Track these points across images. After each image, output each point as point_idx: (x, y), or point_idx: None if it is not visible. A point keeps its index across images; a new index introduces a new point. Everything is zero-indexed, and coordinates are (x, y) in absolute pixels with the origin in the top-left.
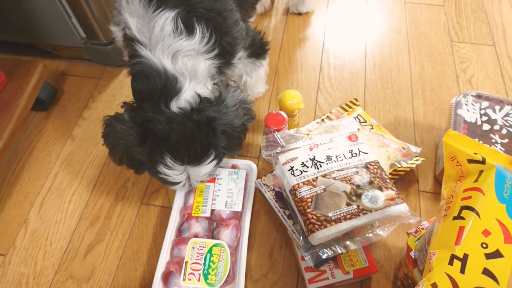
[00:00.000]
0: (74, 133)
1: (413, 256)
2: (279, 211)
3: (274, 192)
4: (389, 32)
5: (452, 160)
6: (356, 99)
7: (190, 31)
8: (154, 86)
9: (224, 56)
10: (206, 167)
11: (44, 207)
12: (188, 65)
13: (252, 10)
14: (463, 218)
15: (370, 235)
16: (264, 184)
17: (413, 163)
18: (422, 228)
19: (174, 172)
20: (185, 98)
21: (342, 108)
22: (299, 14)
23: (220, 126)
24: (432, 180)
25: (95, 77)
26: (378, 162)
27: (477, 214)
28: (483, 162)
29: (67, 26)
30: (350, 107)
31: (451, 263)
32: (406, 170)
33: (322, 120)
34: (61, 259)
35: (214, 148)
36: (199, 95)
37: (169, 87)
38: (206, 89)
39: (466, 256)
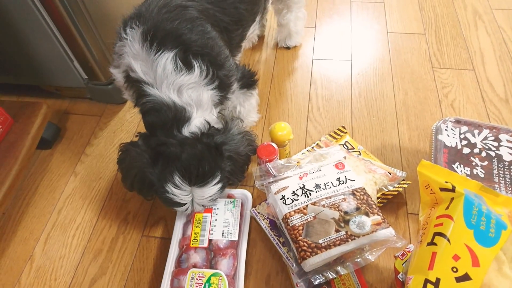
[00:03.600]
0: (77, 169)
1: (400, 279)
2: (273, 239)
3: (268, 220)
4: (373, 62)
5: (427, 188)
6: (343, 127)
7: (189, 67)
8: (166, 117)
9: (223, 87)
10: (211, 189)
11: (48, 242)
12: (193, 96)
13: (238, 48)
14: (435, 244)
15: (359, 259)
16: (258, 213)
17: (400, 187)
18: (409, 251)
19: (180, 192)
20: (196, 124)
21: (331, 136)
22: (288, 48)
23: (227, 151)
24: (419, 202)
25: (96, 114)
26: (364, 189)
27: (448, 240)
28: (453, 190)
29: (69, 69)
30: (338, 135)
31: (425, 287)
32: (394, 194)
33: (312, 148)
34: None
35: (220, 171)
36: (208, 122)
37: (180, 116)
38: (213, 117)
39: (438, 280)
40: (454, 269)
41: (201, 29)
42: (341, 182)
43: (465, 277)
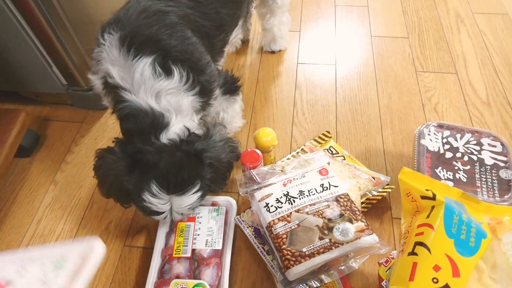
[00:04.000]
0: (57, 178)
1: (384, 286)
2: (258, 247)
3: (253, 228)
4: (357, 66)
5: (408, 196)
6: (328, 132)
7: (168, 73)
8: (143, 123)
9: (204, 93)
10: (190, 198)
11: None
12: (172, 102)
13: (221, 53)
14: (416, 254)
15: (343, 267)
16: (243, 221)
17: (384, 191)
18: (392, 258)
19: (158, 200)
20: (174, 130)
21: (316, 140)
22: (273, 52)
23: (208, 159)
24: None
25: (77, 121)
26: (348, 195)
27: (428, 249)
28: (433, 198)
29: (48, 75)
30: (323, 140)
31: None
32: (378, 199)
33: (297, 153)
34: None
35: (200, 179)
36: (188, 129)
37: (158, 123)
38: (193, 123)
39: None
40: (435, 280)
41: (181, 34)
42: (325, 189)
43: None
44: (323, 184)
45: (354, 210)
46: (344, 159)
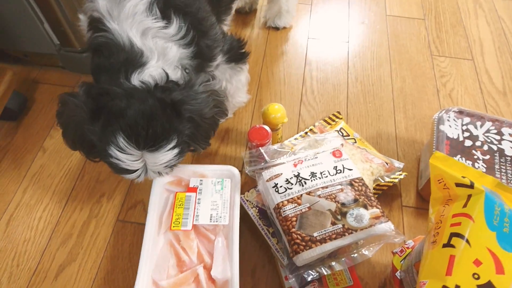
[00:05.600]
0: (45, 144)
1: (398, 277)
2: (262, 229)
3: (257, 209)
4: (370, 45)
5: (440, 183)
6: (339, 112)
7: (166, 20)
8: (116, 59)
9: (201, 58)
10: (165, 155)
11: (11, 224)
12: (159, 45)
13: (228, 10)
14: (453, 246)
15: (355, 255)
16: (247, 201)
17: (396, 178)
18: (407, 247)
19: (128, 157)
20: (150, 73)
21: (325, 121)
22: (276, 28)
23: (187, 112)
24: (414, 194)
25: (69, 85)
26: (362, 179)
27: (468, 242)
28: (471, 186)
29: (39, 32)
30: (333, 120)
31: None
32: (389, 185)
33: (306, 133)
34: (29, 282)
35: (177, 134)
36: (167, 74)
37: (133, 59)
38: (176, 73)
39: (457, 287)
40: (476, 276)
41: None
42: (338, 171)
43: (489, 286)
44: (336, 167)
45: (369, 196)
46: (355, 142)
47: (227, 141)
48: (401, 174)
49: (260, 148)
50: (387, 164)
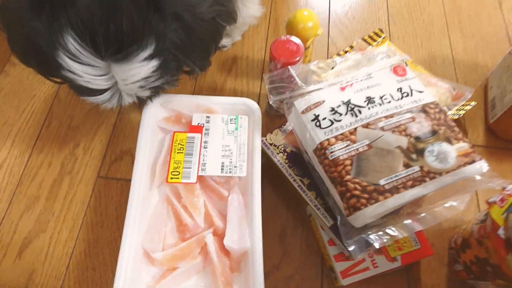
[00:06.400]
0: (0, 84)
1: (502, 237)
2: (294, 180)
3: (285, 154)
4: None
5: None
6: (381, 30)
7: None
8: None
9: None
10: (139, 67)
11: None
12: None
13: None
14: None
15: (438, 208)
16: (270, 144)
17: (463, 108)
18: (510, 195)
19: (85, 68)
20: None
21: (365, 40)
22: None
23: (173, 6)
24: (483, 130)
25: None
26: (438, 104)
27: None
28: None
29: None
30: (374, 40)
31: None
32: (454, 118)
33: (345, 52)
34: None
35: (155, 37)
36: None
37: None
38: None
39: None
40: None
41: None
42: (405, 95)
43: None
44: (401, 88)
45: (451, 126)
46: (407, 65)
47: (235, 73)
48: (469, 104)
49: (289, 67)
50: (454, 90)
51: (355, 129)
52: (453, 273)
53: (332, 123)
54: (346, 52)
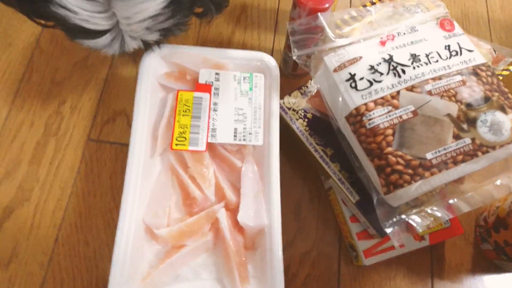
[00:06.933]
0: None
1: None
2: (315, 150)
3: (306, 120)
4: None
5: None
6: None
7: None
8: None
9: None
10: (146, 1)
11: None
12: None
13: None
14: None
15: (488, 187)
16: (288, 109)
17: (501, 73)
18: None
19: (83, 3)
20: None
21: None
22: None
23: None
24: None
25: None
26: (490, 66)
27: None
28: None
29: None
30: None
31: None
32: None
33: (372, 3)
34: None
35: None
36: None
37: None
38: None
39: None
40: None
41: None
42: (454, 53)
43: None
44: (449, 46)
45: (505, 92)
46: None
47: (244, 23)
48: (508, 68)
49: (318, 14)
50: (494, 52)
51: (398, 92)
52: (479, 252)
53: (371, 84)
54: (373, 3)
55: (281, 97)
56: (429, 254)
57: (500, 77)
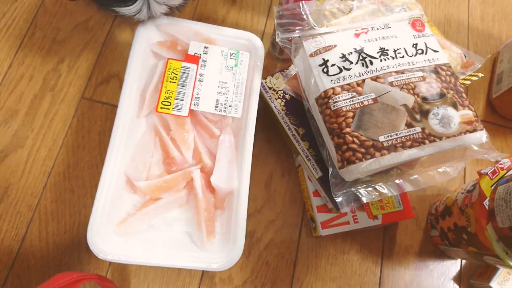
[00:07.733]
0: None
1: (486, 207)
2: (289, 129)
3: (284, 100)
4: None
5: None
6: None
7: None
8: None
9: None
10: None
11: None
12: None
13: None
14: None
15: (431, 172)
16: (269, 88)
17: (470, 78)
18: (502, 168)
19: None
20: None
21: None
22: None
23: None
24: (483, 104)
25: None
26: (450, 67)
27: None
28: None
29: None
30: None
31: None
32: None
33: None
34: None
35: None
36: None
37: None
38: None
39: None
40: None
41: None
42: (419, 52)
43: None
44: (416, 44)
45: (460, 91)
46: None
47: (240, 4)
48: (476, 74)
49: (302, 2)
50: (465, 57)
51: (364, 80)
52: (428, 238)
53: (341, 71)
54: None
55: (265, 77)
56: (382, 233)
57: (468, 82)
